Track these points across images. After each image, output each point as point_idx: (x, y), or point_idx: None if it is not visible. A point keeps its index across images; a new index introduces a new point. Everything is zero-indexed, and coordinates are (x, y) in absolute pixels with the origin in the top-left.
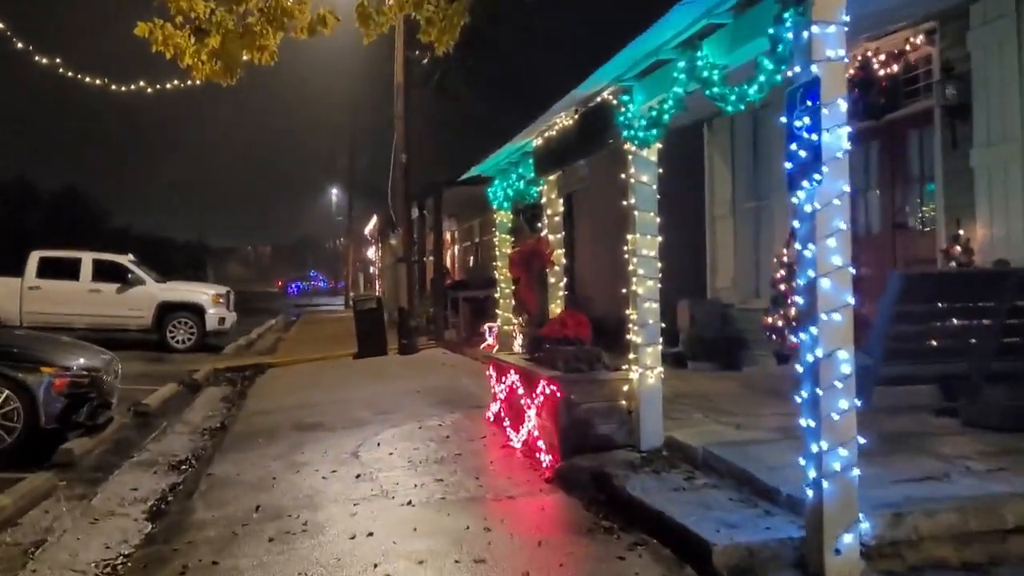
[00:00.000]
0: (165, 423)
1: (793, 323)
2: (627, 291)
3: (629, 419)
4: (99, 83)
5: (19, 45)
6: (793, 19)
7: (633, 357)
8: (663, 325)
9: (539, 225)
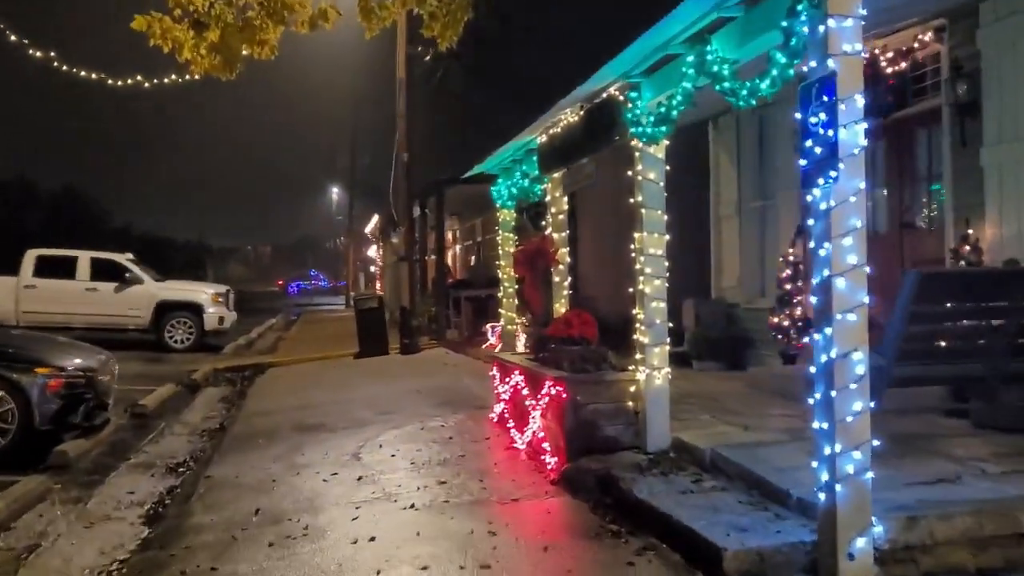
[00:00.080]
0: (163, 424)
1: (799, 323)
2: (634, 290)
3: (636, 420)
4: (96, 77)
5: (13, 38)
6: (808, 12)
7: (640, 357)
8: (669, 325)
9: (543, 223)
